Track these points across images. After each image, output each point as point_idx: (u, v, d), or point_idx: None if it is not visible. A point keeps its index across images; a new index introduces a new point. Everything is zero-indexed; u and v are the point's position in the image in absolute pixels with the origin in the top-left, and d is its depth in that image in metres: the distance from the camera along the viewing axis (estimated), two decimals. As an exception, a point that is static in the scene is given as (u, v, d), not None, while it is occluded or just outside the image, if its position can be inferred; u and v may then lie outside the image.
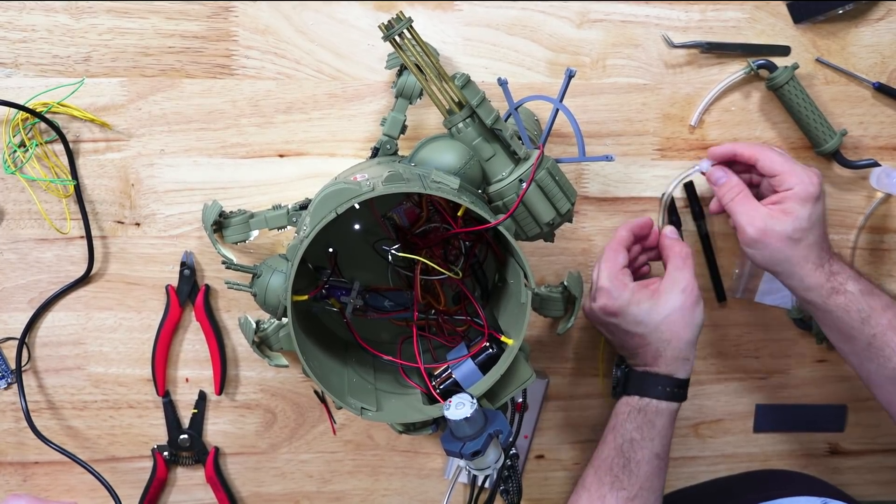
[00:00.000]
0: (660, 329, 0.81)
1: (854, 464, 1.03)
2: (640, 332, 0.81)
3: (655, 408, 0.82)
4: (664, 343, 0.81)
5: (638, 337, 0.82)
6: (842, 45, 0.91)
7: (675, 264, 0.83)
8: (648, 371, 0.82)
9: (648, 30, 0.89)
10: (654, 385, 0.82)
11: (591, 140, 0.90)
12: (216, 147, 0.87)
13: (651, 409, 0.82)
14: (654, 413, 0.82)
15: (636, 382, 0.83)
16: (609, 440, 0.83)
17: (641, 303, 0.81)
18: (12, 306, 0.89)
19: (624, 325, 0.82)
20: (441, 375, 0.77)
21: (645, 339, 0.82)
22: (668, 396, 0.82)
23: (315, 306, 0.83)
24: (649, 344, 0.82)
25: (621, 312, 0.81)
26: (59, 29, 0.83)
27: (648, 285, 0.83)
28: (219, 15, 0.84)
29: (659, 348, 0.81)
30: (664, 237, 0.87)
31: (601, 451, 0.84)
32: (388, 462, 0.97)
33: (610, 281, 0.82)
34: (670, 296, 0.81)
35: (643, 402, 0.82)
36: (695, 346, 0.83)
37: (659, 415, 0.82)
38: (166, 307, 0.89)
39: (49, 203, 0.87)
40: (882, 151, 0.94)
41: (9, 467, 0.92)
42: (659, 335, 0.81)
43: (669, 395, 0.82)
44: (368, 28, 0.86)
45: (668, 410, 0.82)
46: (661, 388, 0.82)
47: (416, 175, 0.71)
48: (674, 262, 0.83)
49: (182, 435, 0.92)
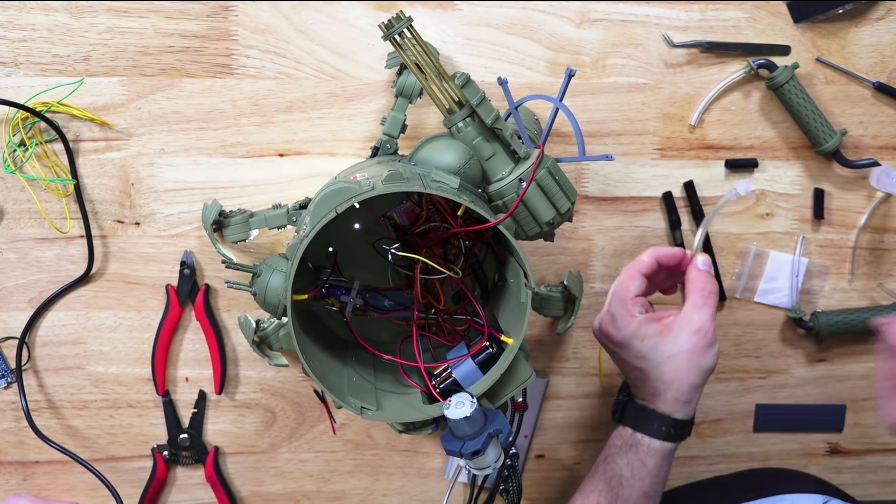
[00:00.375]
0: (662, 369, 0.74)
1: (854, 464, 1.03)
2: (640, 367, 0.76)
3: (648, 446, 0.76)
4: (665, 384, 0.75)
5: (638, 371, 0.76)
6: (842, 45, 0.91)
7: (693, 301, 0.75)
8: (646, 406, 0.77)
9: (648, 29, 0.89)
10: (649, 422, 0.76)
11: (591, 139, 0.90)
12: (216, 146, 0.87)
13: (644, 447, 0.76)
14: (647, 452, 0.76)
15: (632, 415, 0.78)
16: (599, 472, 0.79)
17: (647, 338, 0.75)
18: (12, 306, 0.89)
19: (625, 356, 0.77)
20: (441, 375, 0.77)
21: (645, 374, 0.76)
22: (663, 436, 0.76)
23: (315, 305, 0.83)
24: (649, 381, 0.76)
25: (624, 344, 0.76)
26: (59, 28, 0.83)
27: (661, 318, 0.76)
28: (219, 14, 0.84)
29: (659, 388, 0.75)
30: (693, 268, 0.78)
31: (590, 482, 0.80)
32: (388, 461, 0.97)
33: (617, 309, 0.77)
34: (680, 336, 0.74)
35: (636, 438, 0.76)
36: (700, 389, 0.76)
37: (651, 454, 0.76)
38: (166, 306, 0.89)
39: (49, 202, 0.87)
40: (882, 151, 0.94)
41: (9, 467, 0.92)
42: (660, 374, 0.75)
43: (665, 435, 0.76)
44: (368, 27, 0.86)
45: (661, 451, 0.76)
46: (657, 426, 0.76)
47: (416, 174, 0.71)
48: (693, 298, 0.76)
49: (182, 434, 0.92)
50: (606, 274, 0.94)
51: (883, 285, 0.97)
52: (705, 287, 0.76)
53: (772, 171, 0.94)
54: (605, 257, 0.94)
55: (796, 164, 0.94)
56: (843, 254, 0.96)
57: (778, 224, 0.95)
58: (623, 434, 0.78)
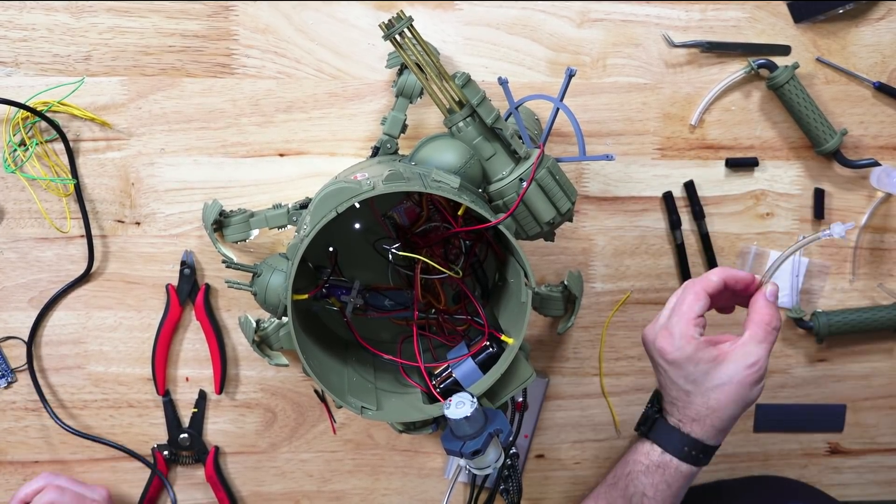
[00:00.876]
0: (709, 395, 0.73)
1: (854, 464, 1.03)
2: (688, 389, 0.74)
3: (676, 468, 0.75)
4: (708, 410, 0.74)
5: (683, 393, 0.75)
6: (842, 45, 0.91)
7: (754, 334, 0.73)
8: (681, 429, 0.75)
9: (649, 29, 0.89)
10: (680, 444, 0.75)
11: (591, 139, 0.90)
12: (216, 146, 0.87)
13: (671, 469, 0.75)
14: (674, 475, 0.76)
15: (664, 434, 0.76)
16: (620, 485, 0.79)
17: (701, 363, 0.73)
18: (12, 306, 0.89)
19: (674, 375, 0.74)
20: (441, 374, 0.77)
21: (690, 398, 0.74)
22: (692, 460, 0.75)
23: (315, 305, 0.83)
24: (692, 405, 0.74)
25: (677, 364, 0.73)
26: (59, 28, 0.83)
27: (718, 343, 0.74)
28: (219, 14, 0.84)
29: (700, 413, 0.74)
30: (760, 296, 0.75)
31: (608, 492, 0.80)
32: (388, 461, 0.97)
33: (678, 327, 0.73)
34: (734, 366, 0.72)
35: (664, 459, 0.76)
36: (736, 420, 0.75)
37: (678, 478, 0.76)
38: (166, 306, 0.89)
39: (49, 202, 0.87)
40: (882, 151, 0.94)
41: (9, 466, 0.92)
42: (705, 401, 0.73)
43: (694, 460, 0.75)
44: (369, 27, 0.86)
45: (688, 473, 0.76)
46: (689, 450, 0.75)
47: (417, 174, 0.71)
48: (755, 330, 0.73)
49: (182, 434, 0.92)
50: (607, 274, 0.94)
51: (883, 285, 0.97)
52: (770, 321, 0.74)
53: (772, 171, 0.94)
54: (606, 257, 0.94)
55: (797, 164, 0.94)
56: (843, 254, 0.96)
57: (778, 224, 0.95)
58: (651, 453, 0.77)
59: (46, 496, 0.84)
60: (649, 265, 0.95)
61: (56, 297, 0.88)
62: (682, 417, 0.75)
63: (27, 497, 0.85)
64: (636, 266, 0.94)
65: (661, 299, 0.95)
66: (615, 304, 0.95)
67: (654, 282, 0.95)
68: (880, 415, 1.01)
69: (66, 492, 0.85)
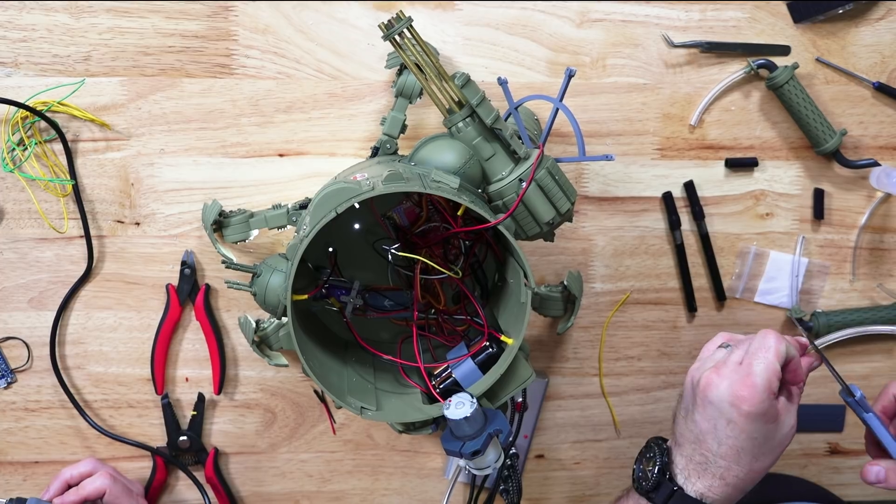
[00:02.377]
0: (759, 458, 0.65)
1: (854, 464, 1.03)
2: (744, 447, 0.65)
3: None
4: (750, 473, 0.66)
5: (734, 452, 0.65)
6: (842, 45, 0.91)
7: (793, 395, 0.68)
8: (690, 496, 0.66)
9: (648, 29, 0.89)
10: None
11: (591, 139, 0.90)
12: (216, 146, 0.87)
13: None
14: None
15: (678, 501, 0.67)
16: None
17: (769, 422, 0.64)
18: (12, 306, 0.89)
19: (740, 431, 0.64)
20: (441, 375, 0.77)
21: (739, 457, 0.65)
22: None
23: (315, 306, 0.83)
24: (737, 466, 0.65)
25: (752, 419, 0.64)
26: (58, 28, 0.83)
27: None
28: (219, 14, 0.84)
29: (740, 476, 0.66)
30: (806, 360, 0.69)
31: None
32: (388, 462, 0.97)
33: (764, 375, 0.64)
34: (787, 430, 0.66)
35: None
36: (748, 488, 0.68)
37: None
38: (166, 306, 0.89)
39: (49, 202, 0.87)
40: (882, 151, 0.94)
41: (9, 467, 0.92)
42: (751, 462, 0.65)
43: None
44: (368, 27, 0.86)
45: None
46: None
47: (416, 174, 0.71)
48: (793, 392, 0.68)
49: (182, 436, 0.92)
50: (606, 274, 0.94)
51: (883, 285, 0.97)
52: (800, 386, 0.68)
53: (772, 171, 0.94)
54: (605, 257, 0.94)
55: (796, 164, 0.94)
56: (843, 254, 0.96)
57: (778, 224, 0.95)
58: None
59: (98, 481, 0.83)
60: (649, 265, 0.95)
61: (67, 298, 0.88)
62: (711, 485, 0.66)
63: (72, 479, 0.84)
64: (636, 266, 0.94)
65: (661, 299, 0.95)
66: (615, 305, 0.95)
67: (653, 282, 0.95)
68: (880, 415, 1.01)
69: (117, 481, 0.84)
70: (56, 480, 0.84)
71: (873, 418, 0.68)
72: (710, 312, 0.96)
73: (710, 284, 0.95)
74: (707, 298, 0.96)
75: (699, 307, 0.96)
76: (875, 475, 0.67)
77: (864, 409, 0.68)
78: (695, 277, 0.95)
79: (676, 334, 0.97)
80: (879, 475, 0.67)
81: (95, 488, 0.83)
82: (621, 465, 1.00)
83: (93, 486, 0.83)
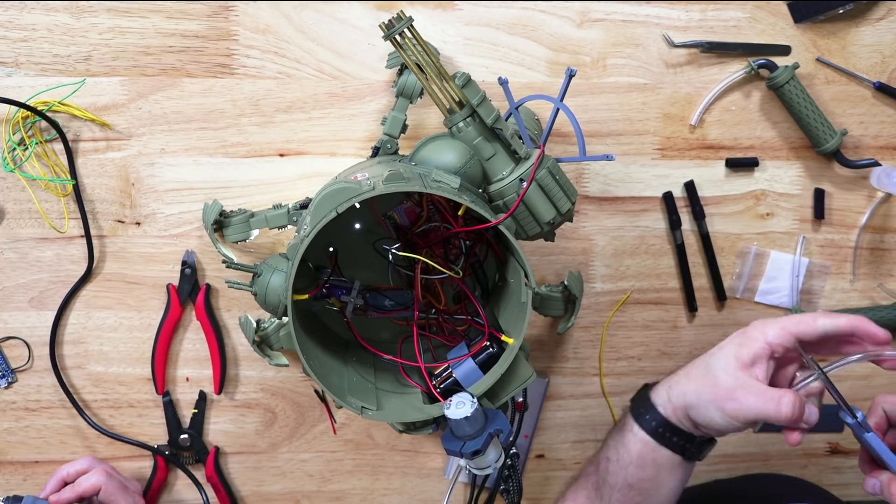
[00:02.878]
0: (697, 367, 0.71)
1: (854, 464, 1.02)
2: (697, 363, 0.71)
3: (632, 429, 0.72)
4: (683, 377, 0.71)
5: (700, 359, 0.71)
6: (842, 45, 0.91)
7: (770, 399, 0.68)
8: (649, 394, 0.73)
9: (649, 29, 0.89)
10: (641, 406, 0.72)
11: (591, 139, 0.90)
12: (216, 146, 0.87)
13: (627, 429, 0.73)
14: (631, 436, 0.72)
15: (637, 399, 0.74)
16: (596, 454, 0.76)
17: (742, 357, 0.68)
18: (12, 306, 0.89)
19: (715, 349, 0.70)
20: (441, 374, 0.77)
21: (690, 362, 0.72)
22: (649, 430, 0.71)
23: (315, 305, 0.83)
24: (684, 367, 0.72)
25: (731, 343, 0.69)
26: (59, 28, 0.83)
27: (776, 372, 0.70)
28: (219, 14, 0.84)
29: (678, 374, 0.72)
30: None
31: (587, 464, 0.77)
32: (389, 461, 0.97)
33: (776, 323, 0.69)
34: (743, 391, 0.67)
35: (628, 421, 0.73)
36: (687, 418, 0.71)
37: (635, 441, 0.72)
38: (167, 306, 0.89)
39: (49, 202, 0.87)
40: (882, 151, 0.94)
41: (9, 466, 0.92)
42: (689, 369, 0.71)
43: (651, 430, 0.71)
44: (369, 27, 0.86)
45: (644, 444, 0.71)
46: (649, 418, 0.71)
47: (417, 174, 0.71)
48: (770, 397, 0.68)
49: (182, 434, 0.92)
50: (607, 274, 0.94)
51: (883, 285, 0.97)
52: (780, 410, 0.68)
53: (772, 171, 0.94)
54: (606, 257, 0.94)
55: (797, 164, 0.94)
56: (843, 254, 0.96)
57: (778, 224, 0.95)
58: (624, 419, 0.75)
59: (94, 477, 0.83)
60: (649, 265, 0.95)
61: (68, 298, 0.88)
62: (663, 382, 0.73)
63: (69, 477, 0.84)
64: (636, 266, 0.95)
65: (661, 299, 0.95)
66: (615, 305, 0.95)
67: (654, 282, 0.95)
68: (880, 415, 1.01)
69: (112, 477, 0.84)
70: (52, 478, 0.84)
71: (874, 437, 0.68)
72: (710, 312, 0.96)
73: (711, 284, 0.95)
74: (707, 298, 0.96)
75: (699, 307, 0.96)
76: (872, 487, 0.68)
77: (865, 429, 0.69)
78: (695, 277, 0.95)
79: (677, 334, 0.97)
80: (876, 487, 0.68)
81: (91, 485, 0.83)
82: (621, 464, 1.00)
83: (88, 483, 0.83)
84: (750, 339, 0.69)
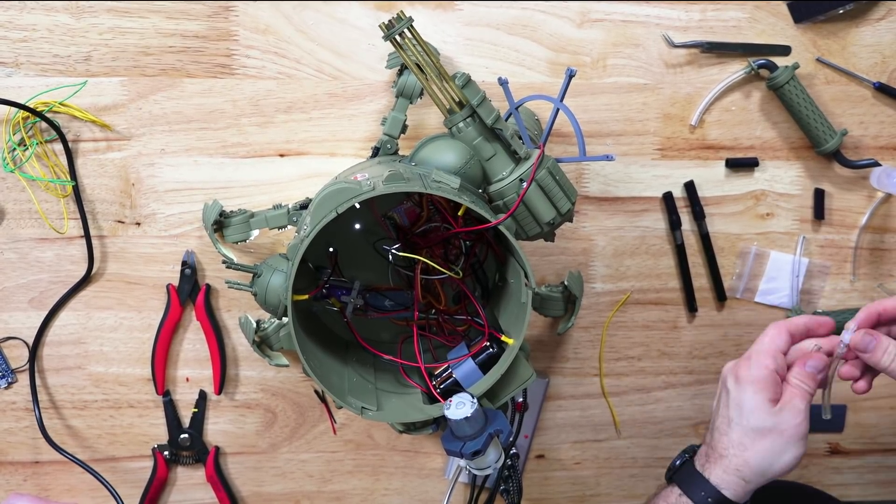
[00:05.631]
0: (747, 434, 0.71)
1: (854, 464, 1.03)
2: (732, 417, 0.71)
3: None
4: (738, 448, 0.71)
5: (726, 421, 0.72)
6: (842, 45, 0.91)
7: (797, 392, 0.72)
8: (702, 473, 0.73)
9: (649, 29, 0.89)
10: (698, 488, 0.72)
11: (591, 140, 0.90)
12: (217, 147, 0.87)
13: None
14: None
15: (686, 476, 0.74)
16: None
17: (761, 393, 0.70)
18: (12, 306, 0.89)
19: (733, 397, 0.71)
20: (441, 375, 0.77)
21: (730, 427, 0.72)
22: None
23: (315, 306, 0.83)
24: (727, 436, 0.72)
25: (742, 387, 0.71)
26: (59, 28, 0.83)
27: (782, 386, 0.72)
28: (219, 14, 0.84)
29: (728, 452, 0.71)
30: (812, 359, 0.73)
31: None
32: (389, 462, 0.97)
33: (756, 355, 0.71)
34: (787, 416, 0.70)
35: (682, 502, 0.73)
36: (763, 481, 0.72)
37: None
38: (167, 306, 0.89)
39: (49, 203, 0.87)
40: (882, 151, 0.94)
41: (9, 467, 0.92)
42: (740, 437, 0.71)
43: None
44: (369, 28, 0.86)
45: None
46: (704, 495, 0.72)
47: (417, 174, 0.71)
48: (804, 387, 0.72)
49: (182, 434, 0.92)
50: (607, 274, 0.94)
51: (883, 285, 0.97)
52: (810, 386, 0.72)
53: (772, 172, 0.94)
54: (606, 257, 0.94)
55: (797, 165, 0.94)
56: (843, 254, 0.96)
57: (778, 224, 0.95)
58: (670, 495, 0.75)
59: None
60: (649, 265, 0.95)
61: (62, 301, 0.88)
62: (708, 457, 0.73)
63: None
64: (636, 266, 0.95)
65: (661, 299, 0.95)
66: (615, 305, 0.95)
67: (654, 282, 0.95)
68: (880, 415, 1.01)
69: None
70: None
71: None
72: (710, 312, 0.96)
73: (711, 284, 0.95)
74: (707, 298, 0.96)
75: (699, 307, 0.96)
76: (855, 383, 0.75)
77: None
78: (695, 277, 0.95)
79: (677, 334, 0.97)
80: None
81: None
82: (621, 465, 1.00)
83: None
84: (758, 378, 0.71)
